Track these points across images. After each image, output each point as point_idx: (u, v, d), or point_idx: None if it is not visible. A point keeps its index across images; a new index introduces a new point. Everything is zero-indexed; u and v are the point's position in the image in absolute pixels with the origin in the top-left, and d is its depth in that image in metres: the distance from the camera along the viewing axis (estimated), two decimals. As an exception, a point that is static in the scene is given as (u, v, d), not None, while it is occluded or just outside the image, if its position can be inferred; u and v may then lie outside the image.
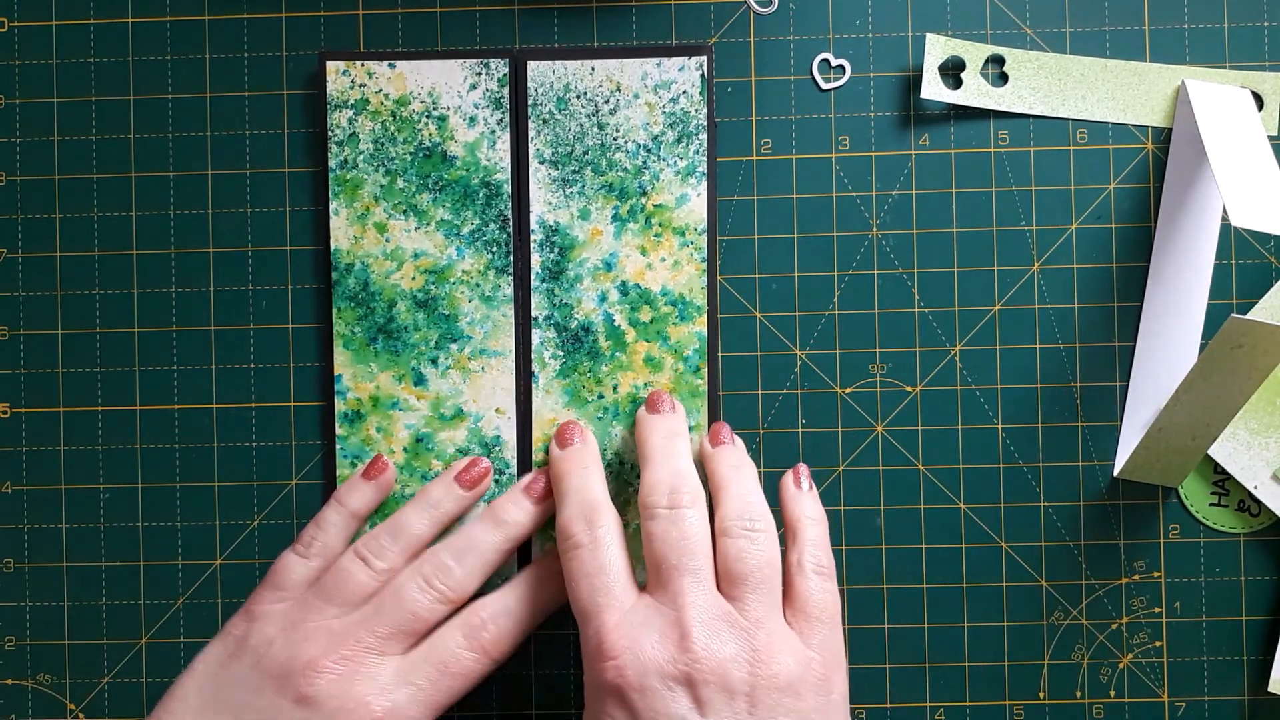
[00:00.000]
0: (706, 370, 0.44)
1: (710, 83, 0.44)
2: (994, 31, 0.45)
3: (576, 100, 0.44)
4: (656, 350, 0.44)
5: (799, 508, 0.41)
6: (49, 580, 0.45)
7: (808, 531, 0.40)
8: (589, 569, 0.39)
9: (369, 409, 0.44)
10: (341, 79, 0.44)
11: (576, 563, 0.39)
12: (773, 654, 0.37)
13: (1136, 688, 0.45)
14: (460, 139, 0.44)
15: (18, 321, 0.46)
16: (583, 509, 0.40)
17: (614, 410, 0.44)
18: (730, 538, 0.39)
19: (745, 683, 0.36)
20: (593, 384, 0.44)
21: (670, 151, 0.44)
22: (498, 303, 0.44)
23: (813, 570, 0.39)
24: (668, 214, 0.44)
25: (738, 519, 0.39)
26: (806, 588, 0.39)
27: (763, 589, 0.38)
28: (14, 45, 0.46)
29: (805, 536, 0.40)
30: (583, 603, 0.39)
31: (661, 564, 0.38)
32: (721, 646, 0.37)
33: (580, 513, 0.40)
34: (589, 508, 0.40)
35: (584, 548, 0.39)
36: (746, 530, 0.39)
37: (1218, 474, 0.44)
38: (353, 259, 0.44)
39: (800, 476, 0.42)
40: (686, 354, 0.44)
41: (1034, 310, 0.45)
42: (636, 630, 0.37)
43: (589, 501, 0.40)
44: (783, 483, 0.42)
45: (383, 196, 0.44)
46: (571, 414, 0.44)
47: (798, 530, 0.41)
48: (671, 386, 0.44)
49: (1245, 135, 0.42)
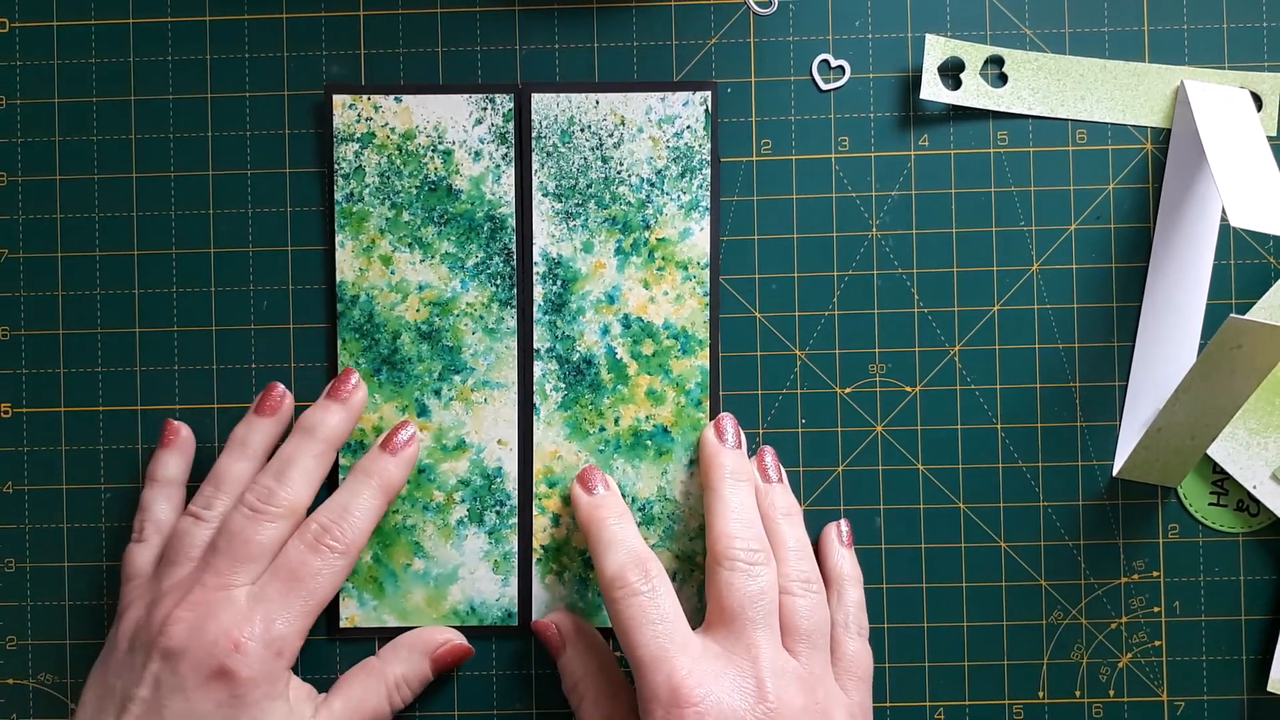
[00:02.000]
0: (708, 404, 0.44)
1: (714, 118, 0.44)
2: (993, 32, 0.45)
3: (580, 134, 0.44)
4: (658, 383, 0.44)
5: (842, 565, 0.44)
6: (50, 580, 0.45)
7: (851, 593, 0.43)
8: (652, 617, 0.39)
9: (372, 440, 0.45)
10: (348, 112, 0.44)
11: (637, 610, 0.40)
12: (831, 707, 0.39)
13: (1136, 687, 0.45)
14: (465, 173, 0.44)
15: (19, 321, 0.46)
16: (632, 557, 0.41)
17: (615, 443, 0.44)
18: (794, 596, 0.41)
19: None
20: (594, 416, 0.45)
21: (674, 186, 0.44)
22: (501, 335, 0.45)
23: (856, 632, 0.42)
24: (670, 248, 0.44)
25: (799, 580, 0.41)
26: (851, 648, 0.42)
27: (821, 645, 0.41)
28: (14, 45, 0.46)
29: (849, 598, 0.43)
30: (648, 650, 0.39)
31: (739, 614, 0.40)
32: (793, 699, 0.39)
33: (631, 560, 0.41)
34: (638, 556, 0.41)
35: (643, 595, 0.40)
36: (807, 591, 0.41)
37: (1217, 474, 0.44)
38: (358, 291, 0.45)
39: (844, 534, 0.44)
40: (688, 387, 0.44)
41: (1033, 310, 0.45)
42: (712, 679, 0.38)
43: (636, 550, 0.41)
44: (825, 536, 0.44)
45: (388, 229, 0.44)
46: (572, 446, 0.44)
47: (842, 590, 0.43)
48: (673, 420, 0.44)
49: (1244, 136, 0.42)
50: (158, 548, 0.43)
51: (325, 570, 0.41)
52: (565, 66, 0.45)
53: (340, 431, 0.43)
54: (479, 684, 0.45)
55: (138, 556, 0.43)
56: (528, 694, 0.45)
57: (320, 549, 0.41)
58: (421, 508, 0.45)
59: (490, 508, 0.45)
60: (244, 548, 0.41)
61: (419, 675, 0.44)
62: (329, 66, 0.45)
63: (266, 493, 0.42)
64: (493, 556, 0.45)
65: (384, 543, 0.45)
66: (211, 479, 0.43)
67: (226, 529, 0.41)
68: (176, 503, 0.44)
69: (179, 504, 0.44)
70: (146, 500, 0.44)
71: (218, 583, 0.40)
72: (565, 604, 0.45)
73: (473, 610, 0.45)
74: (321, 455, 0.43)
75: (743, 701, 0.38)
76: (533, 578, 0.45)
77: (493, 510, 0.45)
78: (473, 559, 0.45)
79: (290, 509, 0.42)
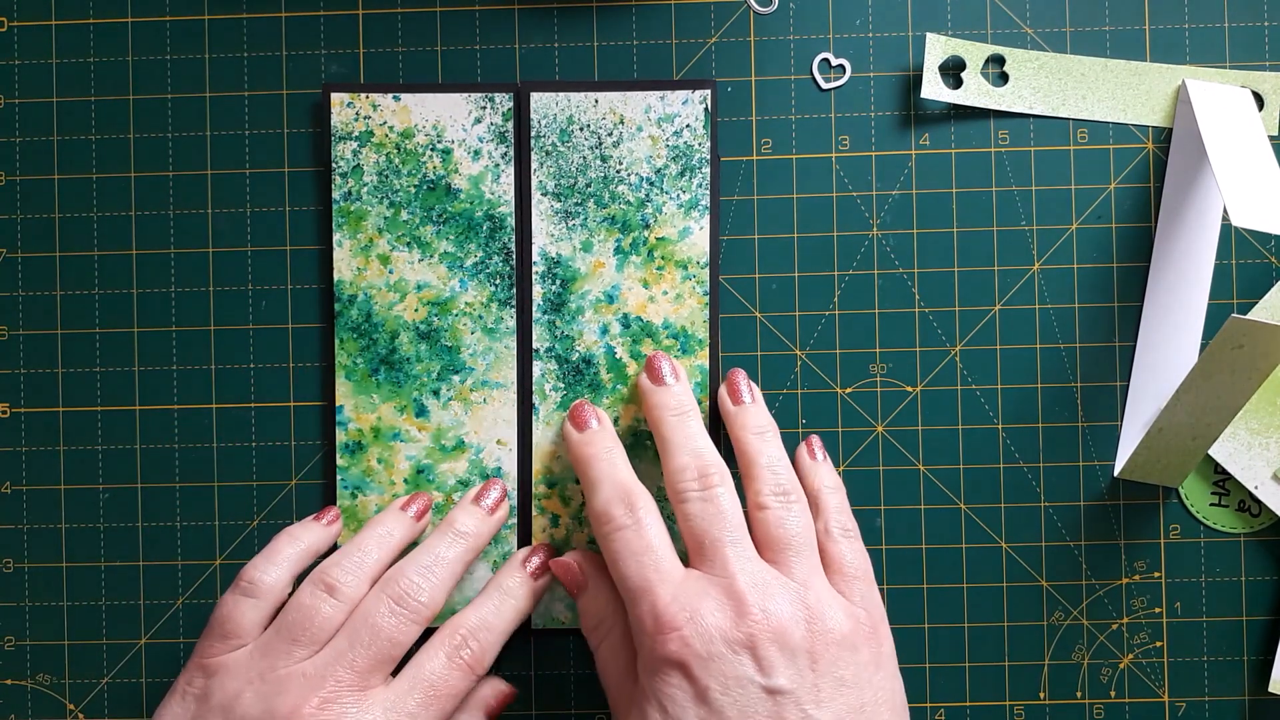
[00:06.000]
0: (708, 404, 0.44)
1: (714, 117, 0.44)
2: (994, 31, 0.45)
3: (580, 133, 0.44)
4: None
5: (817, 479, 0.43)
6: (49, 580, 0.45)
7: (829, 500, 0.42)
8: (635, 549, 0.39)
9: (370, 440, 0.44)
10: (346, 111, 0.44)
11: (622, 544, 0.40)
12: (824, 611, 0.38)
13: (1137, 688, 0.45)
14: (464, 172, 0.44)
15: (17, 321, 0.45)
16: (618, 492, 0.40)
17: None
18: (768, 509, 0.40)
19: (805, 640, 0.38)
20: None
21: (673, 185, 0.44)
22: (500, 335, 0.44)
23: (840, 534, 0.41)
24: (670, 247, 0.44)
25: (772, 493, 0.40)
26: (839, 550, 0.41)
27: (805, 552, 0.40)
28: (14, 45, 0.45)
29: (829, 504, 0.42)
30: (633, 581, 0.39)
31: (704, 539, 0.39)
32: (778, 608, 0.38)
33: (617, 495, 0.40)
34: (624, 490, 0.41)
35: (628, 529, 0.40)
36: (782, 501, 0.40)
37: (1218, 474, 0.44)
38: (356, 290, 0.44)
39: (814, 448, 0.44)
40: None
41: (1034, 310, 0.45)
42: (693, 601, 0.38)
43: (622, 484, 0.41)
44: (798, 455, 0.44)
45: (386, 228, 0.44)
46: None
47: (820, 500, 0.42)
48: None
49: (1245, 135, 0.42)
50: (268, 612, 0.40)
51: (461, 690, 0.40)
52: (564, 65, 0.45)
53: (484, 541, 0.42)
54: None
55: (245, 613, 0.40)
56: (528, 694, 0.45)
57: (465, 669, 0.40)
58: (421, 508, 0.45)
59: (490, 508, 0.45)
60: (388, 648, 0.39)
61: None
62: (327, 65, 0.45)
63: (414, 590, 0.40)
64: (492, 557, 0.45)
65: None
66: (349, 553, 0.41)
67: (368, 621, 0.39)
68: (295, 572, 0.41)
69: (296, 574, 0.41)
70: (280, 552, 0.41)
71: (354, 682, 0.38)
72: (565, 604, 0.45)
73: (472, 611, 0.45)
74: (465, 563, 0.42)
75: (725, 620, 0.37)
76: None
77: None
78: (472, 559, 0.45)
79: (433, 612, 0.40)
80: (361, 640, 0.39)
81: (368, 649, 0.39)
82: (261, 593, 0.40)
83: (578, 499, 0.45)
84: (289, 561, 0.41)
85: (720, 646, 0.37)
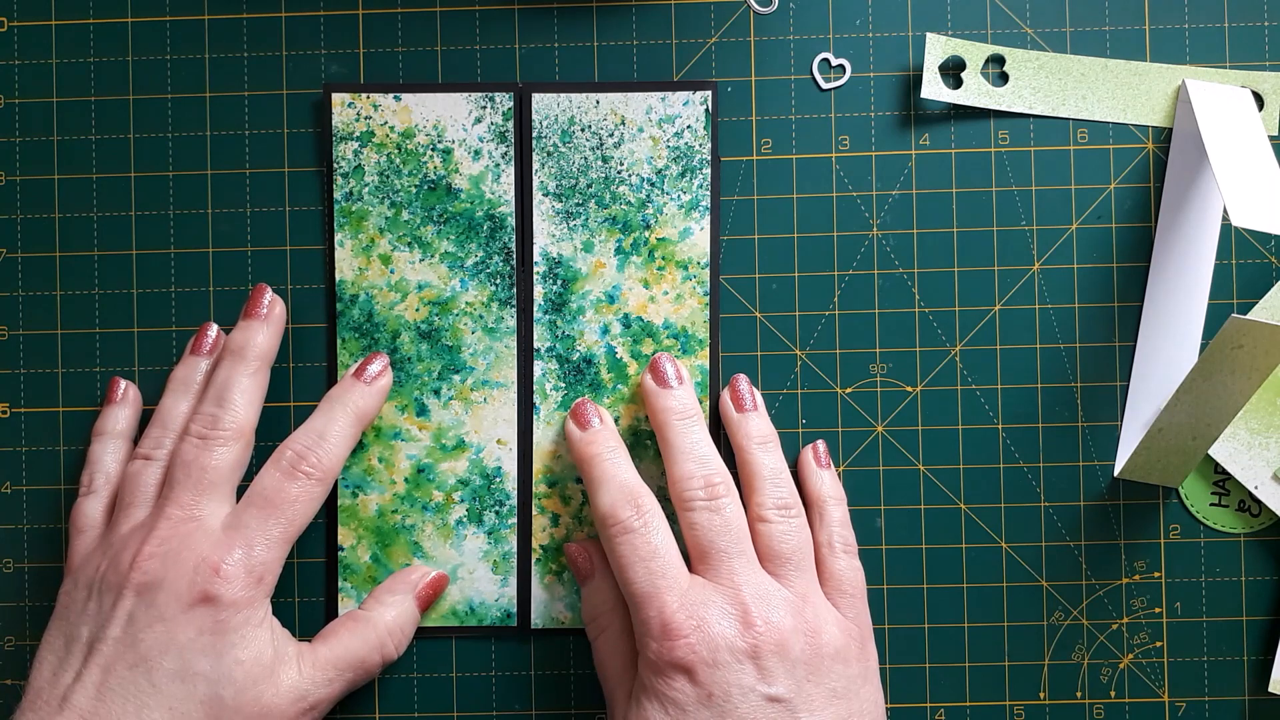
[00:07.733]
0: (709, 404, 0.44)
1: (714, 117, 0.44)
2: (994, 31, 0.45)
3: (581, 133, 0.44)
4: None
5: (822, 487, 0.43)
6: (49, 580, 0.45)
7: (832, 512, 0.43)
8: (643, 553, 0.40)
9: (371, 439, 0.44)
10: (347, 111, 0.44)
11: (628, 548, 0.40)
12: (820, 625, 0.40)
13: (1137, 688, 0.45)
14: (465, 172, 0.44)
15: (17, 321, 0.45)
16: (624, 492, 0.41)
17: None
18: (770, 523, 0.41)
19: (804, 652, 0.39)
20: None
21: (674, 185, 0.44)
22: (500, 334, 0.45)
23: (841, 549, 0.42)
24: (671, 247, 0.44)
25: (774, 506, 0.41)
26: (838, 567, 0.42)
27: (803, 566, 0.41)
28: (14, 45, 0.45)
29: (831, 517, 0.43)
30: (639, 587, 0.39)
31: (709, 549, 0.40)
32: (780, 621, 0.39)
33: (623, 496, 0.41)
34: (629, 491, 0.41)
35: (635, 532, 0.40)
36: (784, 516, 0.41)
37: (1218, 474, 0.44)
38: (357, 290, 0.44)
39: (820, 454, 0.44)
40: None
41: (1034, 310, 0.45)
42: (699, 609, 0.39)
43: (627, 484, 0.41)
44: (803, 459, 0.44)
45: (387, 228, 0.44)
46: None
47: (823, 510, 0.43)
48: None
49: (1245, 135, 0.42)
50: (108, 498, 0.43)
51: (302, 496, 0.41)
52: (565, 65, 0.45)
53: (269, 348, 0.43)
54: (478, 685, 0.45)
55: (89, 508, 0.43)
56: (527, 694, 0.45)
57: (296, 475, 0.41)
58: (420, 508, 0.45)
59: (489, 508, 0.45)
60: (202, 476, 0.40)
61: (410, 618, 0.43)
62: (328, 65, 0.45)
63: (211, 419, 0.41)
64: (492, 557, 0.45)
65: (383, 542, 0.45)
66: (156, 421, 0.43)
67: (180, 462, 0.41)
68: (124, 455, 0.44)
69: (126, 456, 0.44)
70: (94, 454, 0.44)
71: (184, 515, 0.40)
72: (564, 604, 0.45)
73: (472, 611, 0.45)
74: (256, 374, 0.42)
75: (730, 629, 0.38)
76: (532, 578, 0.45)
77: (492, 510, 0.45)
78: (472, 559, 0.45)
79: (238, 430, 0.41)
80: (176, 479, 0.41)
81: (184, 484, 0.40)
82: (96, 487, 0.43)
83: (578, 498, 0.45)
84: (106, 456, 0.44)
85: (725, 654, 0.38)
